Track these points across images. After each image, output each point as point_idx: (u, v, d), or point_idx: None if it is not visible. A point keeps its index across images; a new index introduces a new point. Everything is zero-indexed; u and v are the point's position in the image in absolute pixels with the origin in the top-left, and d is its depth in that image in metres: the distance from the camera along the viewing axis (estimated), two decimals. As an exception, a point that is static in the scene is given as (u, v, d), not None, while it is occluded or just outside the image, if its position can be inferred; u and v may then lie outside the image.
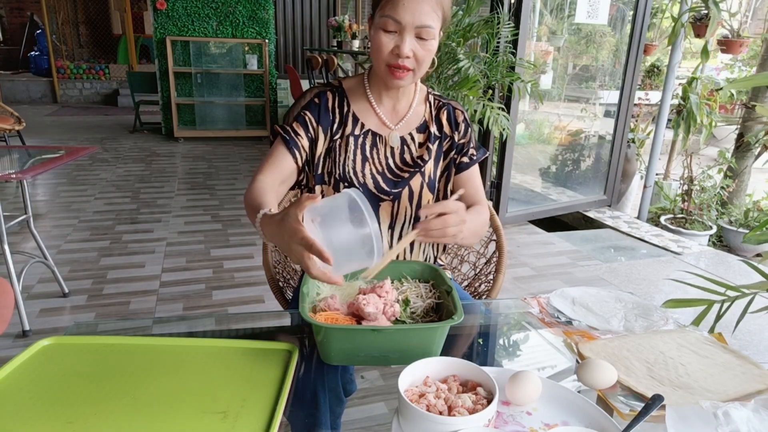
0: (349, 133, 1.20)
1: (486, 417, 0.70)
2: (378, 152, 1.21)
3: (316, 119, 1.20)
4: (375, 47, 1.09)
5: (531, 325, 1.12)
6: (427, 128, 1.23)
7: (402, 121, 1.22)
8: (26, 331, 2.23)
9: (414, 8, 1.03)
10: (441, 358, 0.82)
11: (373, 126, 1.21)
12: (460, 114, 1.26)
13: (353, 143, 1.19)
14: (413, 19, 1.04)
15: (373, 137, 1.21)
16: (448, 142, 1.24)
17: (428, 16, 1.05)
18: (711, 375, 0.90)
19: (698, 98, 4.32)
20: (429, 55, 1.09)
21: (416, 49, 1.07)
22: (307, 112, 1.20)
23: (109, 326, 1.10)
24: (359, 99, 1.22)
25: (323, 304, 0.95)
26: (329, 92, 1.22)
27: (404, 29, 1.05)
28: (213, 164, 5.40)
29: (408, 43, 1.06)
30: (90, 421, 0.73)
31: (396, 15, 1.04)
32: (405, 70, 1.09)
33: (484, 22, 2.96)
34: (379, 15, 1.07)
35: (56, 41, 9.36)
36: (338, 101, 1.21)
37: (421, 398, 0.73)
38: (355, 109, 1.21)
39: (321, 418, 0.96)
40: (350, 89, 1.23)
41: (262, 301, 2.62)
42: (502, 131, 3.03)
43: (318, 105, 1.20)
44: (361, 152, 1.20)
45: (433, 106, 1.26)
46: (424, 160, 1.20)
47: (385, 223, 1.21)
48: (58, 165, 2.28)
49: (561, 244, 3.57)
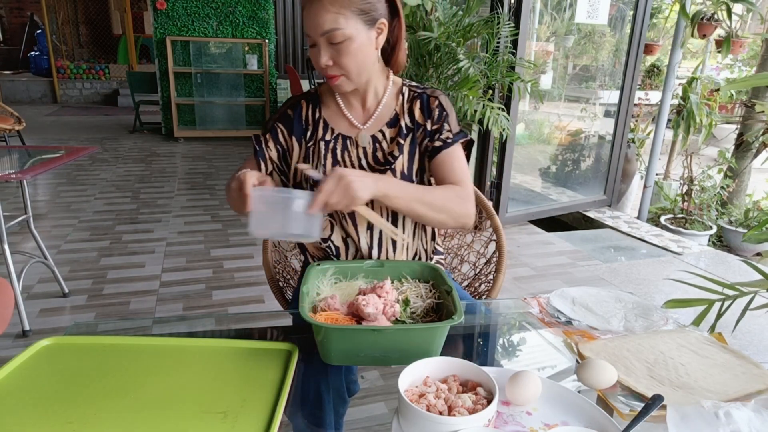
0: (320, 138, 1.20)
1: (486, 417, 0.70)
2: (350, 155, 1.20)
3: (289, 131, 1.21)
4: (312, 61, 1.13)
5: (531, 325, 1.12)
6: (398, 122, 1.20)
7: (371, 119, 1.21)
8: (26, 331, 2.23)
9: (313, 18, 1.03)
10: (441, 358, 0.82)
11: (342, 129, 1.21)
12: (434, 100, 1.21)
13: (324, 148, 1.19)
14: (315, 28, 1.04)
15: (343, 140, 1.20)
16: (422, 132, 1.21)
17: (329, 21, 1.02)
18: (711, 375, 0.90)
19: (698, 98, 4.32)
20: (351, 58, 1.07)
21: (334, 56, 1.06)
22: (280, 125, 1.22)
23: (109, 326, 1.10)
24: (330, 103, 1.23)
25: (323, 304, 0.95)
26: (303, 101, 1.23)
27: (316, 40, 1.06)
28: (213, 164, 5.40)
29: (322, 54, 1.06)
30: (90, 421, 0.73)
31: (306, 29, 1.06)
32: (334, 77, 1.09)
33: (484, 22, 2.96)
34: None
35: (56, 41, 9.36)
36: (311, 109, 1.22)
37: (421, 398, 0.73)
38: (325, 115, 1.22)
39: (325, 417, 0.96)
40: (323, 93, 1.24)
41: (262, 301, 2.62)
42: (502, 131, 3.03)
43: (290, 117, 1.22)
44: (332, 156, 1.19)
45: (407, 98, 1.22)
46: (395, 156, 1.18)
47: (363, 224, 1.19)
48: (58, 165, 2.28)
49: (561, 244, 3.57)
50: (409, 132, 1.20)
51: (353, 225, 1.18)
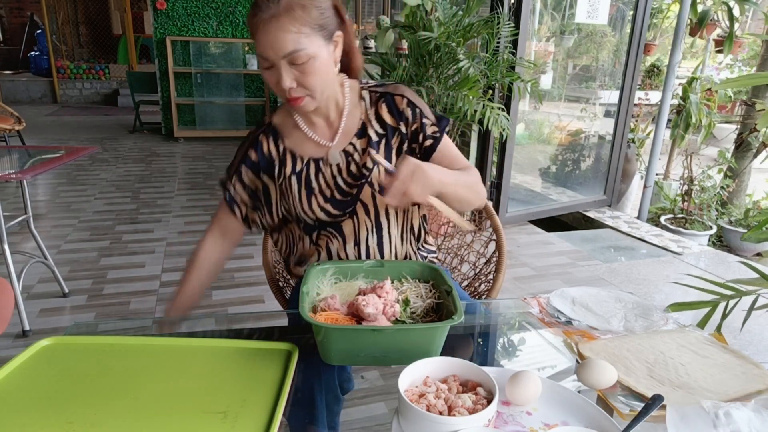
0: (290, 172, 1.16)
1: (486, 417, 0.70)
2: (324, 177, 1.16)
3: (256, 171, 1.18)
4: (267, 84, 1.08)
5: (531, 325, 1.12)
6: (366, 131, 1.15)
7: (338, 134, 1.15)
8: (26, 331, 2.23)
9: (272, 41, 0.97)
10: (441, 358, 0.82)
11: (311, 152, 1.16)
12: (400, 99, 1.15)
13: (296, 181, 1.15)
14: (276, 51, 0.97)
15: (315, 164, 1.15)
16: (397, 136, 1.15)
17: (291, 42, 0.97)
18: (711, 375, 0.90)
19: (698, 98, 4.32)
20: (316, 77, 1.02)
21: (298, 77, 1.01)
22: (244, 167, 1.18)
23: (109, 326, 1.10)
24: (290, 131, 1.17)
25: (323, 304, 0.95)
26: (262, 136, 1.18)
27: (275, 63, 0.99)
28: (213, 164, 5.40)
29: (285, 76, 1.00)
30: (90, 421, 0.73)
31: (262, 51, 0.99)
32: (298, 99, 1.04)
33: (484, 22, 2.96)
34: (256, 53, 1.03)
35: (56, 41, 9.35)
36: (272, 143, 1.17)
37: (421, 398, 0.73)
38: (289, 145, 1.17)
39: (318, 417, 0.96)
40: (280, 124, 1.18)
41: (262, 301, 2.62)
42: (502, 131, 3.03)
43: (254, 159, 1.17)
44: (306, 187, 1.15)
45: (369, 102, 1.16)
46: (369, 168, 1.14)
47: (351, 240, 1.17)
48: (58, 165, 2.28)
49: (561, 244, 3.57)
50: (381, 138, 1.15)
51: (342, 243, 1.18)
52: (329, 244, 1.18)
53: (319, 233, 1.19)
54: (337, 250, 1.18)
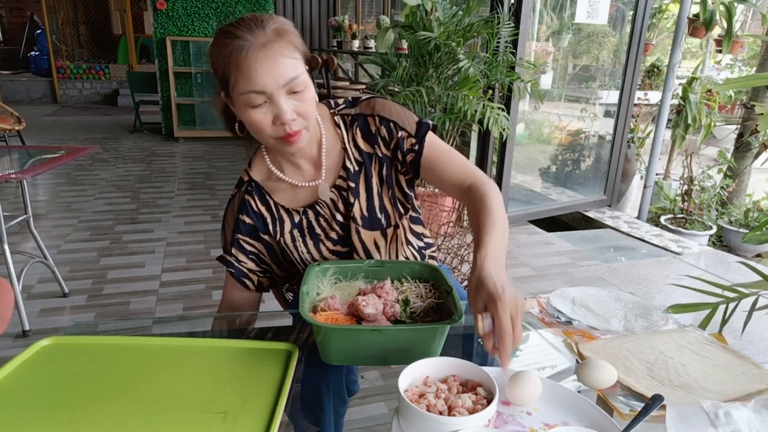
0: (290, 228, 1.10)
1: (486, 417, 0.70)
2: (325, 219, 1.11)
3: (254, 236, 1.11)
4: (253, 128, 0.95)
5: (531, 325, 1.12)
6: (345, 164, 1.09)
7: (323, 168, 1.08)
8: (26, 331, 2.23)
9: (271, 69, 0.90)
10: (441, 358, 0.82)
11: (304, 200, 1.10)
12: (372, 120, 1.08)
13: (299, 235, 1.10)
14: (275, 81, 0.91)
15: (313, 211, 1.10)
16: (375, 162, 1.09)
17: (289, 68, 0.91)
18: (711, 375, 0.90)
19: (698, 98, 4.32)
20: (310, 105, 0.96)
21: (297, 107, 0.94)
22: (239, 235, 1.11)
23: (109, 326, 1.10)
24: (275, 185, 1.09)
25: (323, 304, 0.95)
26: (248, 197, 1.09)
27: (273, 95, 0.91)
28: (213, 164, 5.40)
29: (286, 107, 0.92)
30: (90, 421, 0.73)
31: (256, 87, 0.90)
32: (296, 134, 0.96)
33: (484, 22, 2.96)
34: (236, 94, 0.93)
35: (56, 41, 9.36)
36: (260, 200, 1.10)
37: (421, 398, 0.73)
38: (280, 201, 1.09)
39: (324, 418, 0.96)
40: (263, 180, 1.10)
41: (263, 301, 2.61)
42: (502, 131, 3.03)
43: (247, 222, 1.10)
44: (311, 237, 1.10)
45: (346, 129, 1.09)
46: (351, 203, 1.08)
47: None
48: (58, 165, 2.28)
49: (561, 244, 3.57)
50: (360, 167, 1.09)
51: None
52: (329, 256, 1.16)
53: None
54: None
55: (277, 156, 1.09)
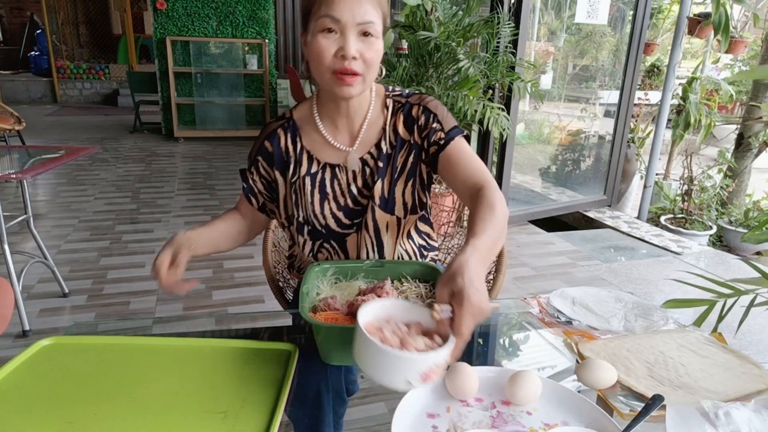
0: (305, 173, 1.13)
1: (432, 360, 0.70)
2: (339, 184, 1.14)
3: (269, 163, 1.15)
4: (316, 54, 0.98)
5: (531, 325, 1.12)
6: (380, 144, 1.13)
7: (358, 140, 1.12)
8: (26, 331, 2.23)
9: (353, 5, 0.95)
10: (410, 303, 0.83)
11: (329, 158, 1.13)
12: (417, 109, 1.12)
13: (310, 183, 1.13)
14: (353, 15, 0.96)
15: (331, 170, 1.13)
16: (406, 149, 1.13)
17: (369, 13, 0.97)
18: (711, 375, 0.90)
19: (698, 98, 4.32)
20: (377, 56, 1.01)
21: (362, 50, 0.98)
22: (260, 159, 1.16)
23: (109, 326, 1.10)
24: (311, 131, 1.14)
25: (323, 304, 0.95)
26: (280, 130, 1.14)
27: (345, 27, 0.96)
28: (213, 164, 5.40)
29: (352, 42, 0.96)
30: (90, 421, 0.73)
31: (334, 12, 0.95)
32: (353, 74, 0.98)
33: (484, 22, 2.96)
34: (314, 19, 0.98)
35: (56, 41, 9.35)
36: (290, 138, 1.14)
37: (377, 331, 0.75)
38: (307, 145, 1.13)
39: (324, 417, 0.96)
40: (301, 120, 1.15)
41: (262, 301, 2.62)
42: (502, 131, 3.03)
43: (270, 150, 1.15)
44: (319, 191, 1.13)
45: (392, 112, 1.14)
46: (374, 181, 1.12)
47: (353, 256, 1.17)
48: (58, 165, 2.28)
49: (561, 244, 3.57)
50: (392, 150, 1.13)
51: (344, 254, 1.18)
52: (330, 259, 1.17)
53: (321, 245, 1.17)
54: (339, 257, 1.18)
55: (325, 107, 1.12)
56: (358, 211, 1.15)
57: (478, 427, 0.76)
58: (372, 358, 0.72)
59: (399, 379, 0.70)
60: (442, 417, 0.78)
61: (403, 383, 0.71)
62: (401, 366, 0.70)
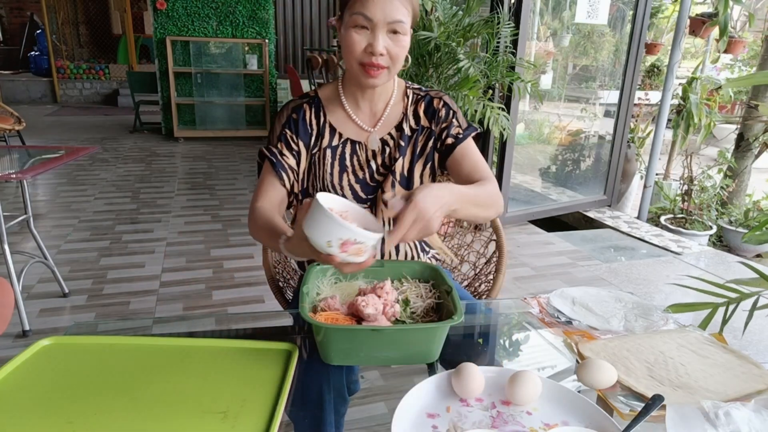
0: (326, 145, 1.19)
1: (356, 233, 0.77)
2: (358, 159, 1.20)
3: (296, 135, 1.19)
4: (347, 46, 1.07)
5: (531, 325, 1.12)
6: (402, 125, 1.22)
7: (380, 122, 1.21)
8: (26, 331, 2.23)
9: (384, 5, 1.03)
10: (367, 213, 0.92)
11: (351, 134, 1.20)
12: (438, 101, 1.22)
13: (330, 155, 1.19)
14: (384, 15, 1.03)
15: (352, 145, 1.20)
16: (425, 134, 1.22)
17: (399, 11, 1.04)
18: (711, 375, 0.90)
19: (698, 98, 4.32)
20: (403, 52, 1.09)
21: (390, 46, 1.06)
22: (287, 130, 1.19)
23: (109, 326, 1.10)
24: (335, 108, 1.21)
25: (323, 304, 0.95)
26: (306, 105, 1.21)
27: (376, 26, 1.04)
28: (213, 164, 5.40)
29: (381, 40, 1.05)
30: (90, 421, 0.73)
31: (367, 11, 1.03)
32: (379, 68, 1.07)
33: (484, 22, 2.96)
34: (348, 13, 1.06)
35: (56, 41, 9.35)
36: (314, 113, 1.20)
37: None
38: (331, 120, 1.20)
39: (325, 417, 0.96)
40: (326, 98, 1.22)
41: (262, 301, 2.62)
42: (502, 131, 3.03)
43: (296, 120, 1.19)
44: (339, 163, 1.19)
45: (411, 101, 1.23)
46: (395, 159, 1.20)
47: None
48: (58, 165, 2.28)
49: (561, 244, 3.57)
50: (413, 133, 1.21)
51: None
52: None
53: None
54: None
55: (350, 89, 1.20)
56: (374, 187, 1.21)
57: (478, 427, 0.76)
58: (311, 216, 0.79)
59: (322, 238, 0.79)
60: (442, 417, 0.78)
61: (324, 244, 0.79)
62: (328, 225, 0.77)
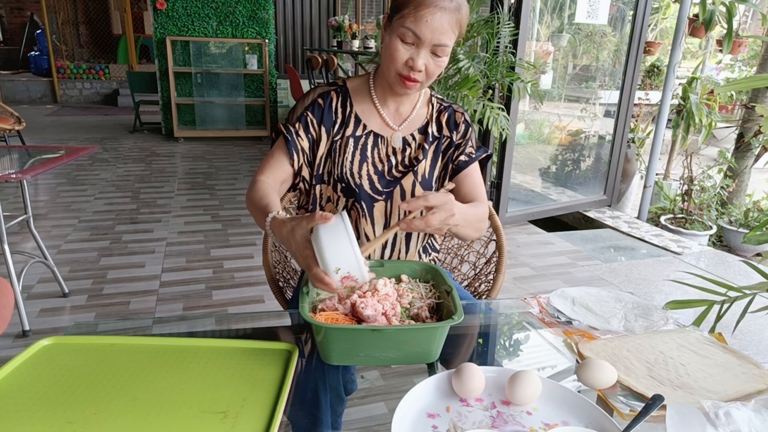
0: (350, 134, 1.21)
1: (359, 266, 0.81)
2: (379, 152, 1.22)
3: (319, 121, 1.20)
4: (389, 54, 1.10)
5: (531, 325, 1.12)
6: (427, 129, 1.25)
7: (405, 122, 1.24)
8: (26, 331, 2.23)
9: (435, 26, 1.05)
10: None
11: (375, 127, 1.23)
12: (460, 116, 1.28)
13: (353, 144, 1.20)
14: (432, 37, 1.06)
15: (375, 138, 1.22)
16: (446, 141, 1.26)
17: (447, 36, 1.07)
18: (711, 375, 0.90)
19: (698, 98, 4.32)
20: (439, 70, 1.12)
21: (429, 64, 1.09)
22: (310, 114, 1.20)
23: (109, 326, 1.10)
24: (363, 100, 1.23)
25: (323, 304, 0.95)
26: (333, 92, 1.23)
27: (422, 44, 1.07)
28: (213, 164, 5.40)
29: (423, 58, 1.08)
30: (90, 421, 0.73)
31: (418, 30, 1.05)
32: (415, 81, 1.11)
33: (484, 22, 2.96)
34: (398, 23, 1.07)
35: (56, 41, 9.35)
36: (341, 101, 1.22)
37: None
38: (357, 110, 1.22)
39: (322, 417, 0.96)
40: (354, 90, 1.24)
41: (262, 301, 2.62)
42: (502, 131, 3.03)
43: (321, 106, 1.21)
44: (360, 153, 1.21)
45: (435, 109, 1.27)
46: (419, 160, 1.22)
47: (380, 224, 1.22)
48: (58, 165, 2.28)
49: (561, 244, 3.57)
50: (435, 140, 1.25)
51: (371, 225, 1.21)
52: (357, 222, 1.22)
53: (353, 204, 1.21)
54: (364, 229, 1.22)
55: (381, 87, 1.22)
56: (390, 181, 1.22)
57: (478, 427, 0.76)
58: (337, 237, 0.80)
59: (334, 263, 0.80)
60: (442, 417, 0.78)
61: (333, 268, 0.81)
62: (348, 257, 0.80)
